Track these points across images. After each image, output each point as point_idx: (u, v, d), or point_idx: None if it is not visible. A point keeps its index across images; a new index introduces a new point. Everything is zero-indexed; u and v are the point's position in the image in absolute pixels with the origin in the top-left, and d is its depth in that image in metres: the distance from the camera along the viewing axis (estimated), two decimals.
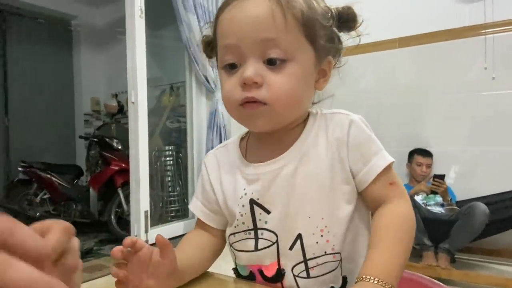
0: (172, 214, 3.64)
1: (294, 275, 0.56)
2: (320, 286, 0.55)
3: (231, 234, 0.62)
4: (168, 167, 3.76)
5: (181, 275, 0.55)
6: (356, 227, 0.58)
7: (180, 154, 3.80)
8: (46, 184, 3.69)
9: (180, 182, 3.78)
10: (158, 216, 3.51)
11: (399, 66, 2.91)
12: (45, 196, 3.73)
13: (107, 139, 3.81)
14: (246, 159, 0.62)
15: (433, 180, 2.50)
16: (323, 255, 0.55)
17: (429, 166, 2.70)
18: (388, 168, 0.56)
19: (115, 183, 3.50)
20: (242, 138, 0.67)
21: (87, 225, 3.68)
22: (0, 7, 4.20)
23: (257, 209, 0.58)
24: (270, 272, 0.57)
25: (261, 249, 0.58)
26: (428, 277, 0.71)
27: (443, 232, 2.28)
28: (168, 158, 3.78)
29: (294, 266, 0.56)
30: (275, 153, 0.59)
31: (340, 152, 0.57)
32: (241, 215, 0.59)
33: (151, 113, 3.27)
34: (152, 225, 3.20)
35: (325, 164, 0.57)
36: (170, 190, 3.77)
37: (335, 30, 0.59)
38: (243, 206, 0.59)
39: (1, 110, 4.22)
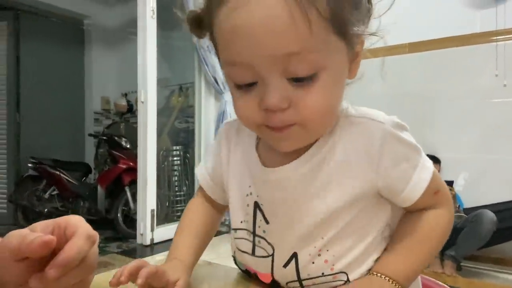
0: (178, 213, 3.66)
1: None
2: None
3: (233, 229, 0.57)
4: (175, 167, 3.79)
5: (191, 268, 0.56)
6: (362, 244, 0.50)
7: (188, 154, 3.83)
8: (55, 180, 3.74)
9: (186, 182, 3.80)
10: (164, 215, 3.54)
11: (409, 71, 2.90)
12: (54, 193, 3.78)
13: (116, 138, 3.85)
14: (258, 152, 0.54)
15: None
16: (320, 276, 0.49)
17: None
18: (432, 183, 0.49)
19: (122, 181, 3.54)
20: None
21: (94, 222, 3.71)
22: (14, 5, 4.28)
23: (259, 215, 0.53)
24: (266, 280, 0.54)
25: (257, 256, 0.54)
26: (433, 279, 0.71)
27: (449, 239, 2.25)
28: (175, 158, 3.81)
29: (288, 282, 0.52)
30: (286, 157, 0.50)
31: (362, 171, 0.48)
32: (245, 214, 0.55)
33: (160, 113, 3.31)
34: (158, 224, 3.22)
35: (342, 176, 0.48)
36: (176, 189, 3.79)
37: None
38: (247, 205, 0.55)
39: (13, 107, 4.29)
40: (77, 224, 0.40)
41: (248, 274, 0.58)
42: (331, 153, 0.49)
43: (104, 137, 3.97)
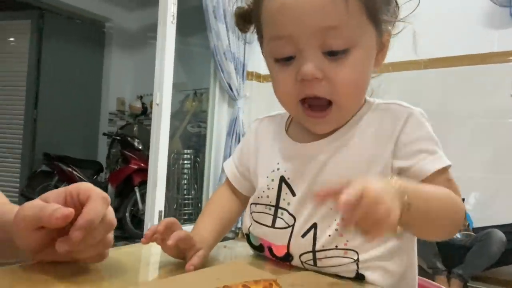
0: (185, 216, 3.68)
1: (301, 261, 0.54)
2: (325, 274, 0.53)
3: (252, 203, 0.61)
4: (185, 170, 3.82)
5: (210, 247, 0.58)
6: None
7: (198, 159, 3.86)
8: (67, 177, 3.80)
9: (195, 186, 3.83)
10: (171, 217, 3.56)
11: (424, 87, 2.89)
12: None
13: (129, 139, 3.91)
14: (288, 135, 0.60)
15: None
16: (333, 248, 0.52)
17: None
18: (443, 170, 0.51)
19: (132, 181, 3.58)
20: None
21: None
22: (39, 5, 4.41)
23: (284, 188, 0.57)
24: (279, 253, 0.56)
25: (277, 228, 0.57)
26: (428, 280, 0.71)
27: (457, 257, 2.23)
28: (186, 162, 3.85)
29: (302, 254, 0.54)
30: (316, 135, 0.55)
31: (384, 148, 0.52)
32: (268, 189, 0.58)
33: (173, 116, 3.35)
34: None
35: (363, 159, 0.52)
36: (185, 193, 3.82)
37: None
38: (272, 180, 0.58)
39: (31, 103, 4.39)
40: (90, 189, 0.43)
41: (260, 250, 0.60)
42: (360, 132, 0.54)
43: (118, 137, 4.04)
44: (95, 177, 4.20)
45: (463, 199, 2.44)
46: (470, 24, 2.74)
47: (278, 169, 0.58)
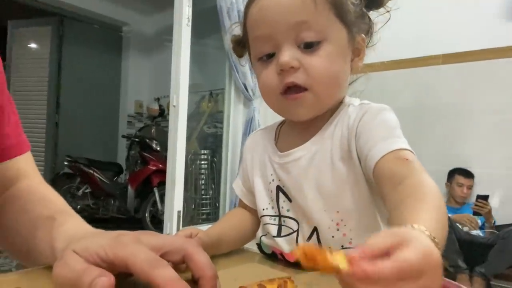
0: (203, 216, 3.72)
1: None
2: None
3: (260, 217, 0.63)
4: (203, 171, 3.86)
5: (218, 245, 0.59)
6: (378, 223, 0.54)
7: (215, 159, 3.89)
8: (89, 179, 3.89)
9: (212, 186, 3.86)
10: (190, 217, 3.60)
11: (442, 83, 2.85)
12: (87, 190, 3.94)
13: (147, 140, 3.98)
14: (276, 145, 0.63)
15: (477, 200, 2.42)
16: (340, 247, 0.53)
17: (470, 187, 2.61)
18: (396, 152, 0.48)
19: (151, 182, 3.64)
20: (279, 124, 0.67)
21: (122, 221, 3.84)
22: (59, 11, 4.53)
23: (281, 196, 0.59)
24: (291, 259, 0.57)
25: (283, 236, 0.59)
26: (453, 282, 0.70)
27: (479, 255, 2.19)
28: (203, 162, 3.88)
29: None
30: (300, 142, 0.59)
31: (349, 142, 0.54)
32: (271, 200, 0.61)
33: (190, 117, 3.39)
34: (184, 225, 3.29)
35: (338, 156, 0.55)
36: (203, 193, 3.86)
37: (364, 9, 0.58)
38: (271, 191, 0.61)
39: (53, 108, 4.52)
40: (204, 266, 0.37)
41: (273, 258, 0.62)
42: (333, 134, 0.57)
43: (136, 139, 4.11)
44: (115, 178, 4.29)
45: (487, 196, 2.40)
46: (488, 17, 2.67)
47: (273, 180, 0.61)
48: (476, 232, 2.39)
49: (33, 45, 4.70)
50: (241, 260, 0.62)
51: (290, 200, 0.59)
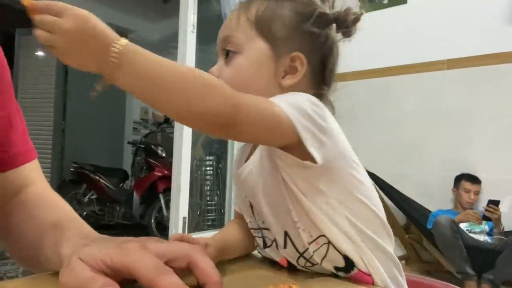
0: (209, 223, 3.72)
1: (302, 266, 0.57)
2: (326, 269, 0.55)
3: (249, 228, 0.64)
4: (208, 177, 3.86)
5: (223, 251, 0.59)
6: (325, 208, 0.53)
7: (220, 165, 3.90)
8: (95, 185, 3.91)
9: (218, 192, 3.86)
10: (195, 224, 3.60)
11: (447, 88, 2.84)
12: (93, 197, 3.96)
13: (152, 146, 4.00)
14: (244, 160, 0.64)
15: (488, 205, 2.39)
16: (309, 243, 0.54)
17: (477, 193, 2.58)
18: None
19: (157, 188, 3.65)
20: None
21: (128, 227, 3.84)
22: None
23: (254, 210, 0.61)
24: (284, 264, 0.59)
25: (268, 247, 0.60)
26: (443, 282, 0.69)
27: (487, 261, 2.17)
28: (208, 168, 3.89)
29: (297, 260, 0.56)
30: (249, 155, 0.62)
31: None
32: (250, 215, 0.62)
33: None
34: (189, 232, 3.28)
35: (265, 162, 0.56)
36: (208, 199, 3.86)
37: (320, 30, 0.59)
38: (248, 206, 0.62)
39: (60, 114, 4.56)
40: (209, 273, 0.37)
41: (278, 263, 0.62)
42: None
43: (142, 146, 4.13)
44: (121, 184, 4.31)
45: (499, 201, 2.37)
46: (493, 22, 2.67)
47: (245, 196, 0.62)
48: (484, 238, 2.37)
49: (40, 53, 4.76)
50: (246, 266, 0.61)
51: (258, 213, 0.60)
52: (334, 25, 0.60)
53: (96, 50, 0.41)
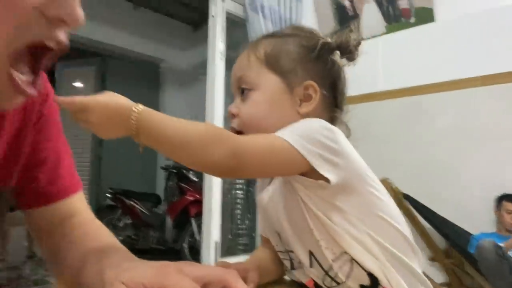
0: (240, 247, 3.70)
1: (328, 287, 0.57)
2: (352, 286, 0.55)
3: (277, 251, 0.65)
4: (238, 200, 3.87)
5: (260, 275, 0.60)
6: (345, 225, 0.54)
7: (250, 189, 3.90)
8: (129, 210, 4.01)
9: (248, 216, 3.85)
10: (226, 247, 3.59)
11: (482, 105, 2.74)
12: (128, 222, 4.04)
13: (184, 171, 4.07)
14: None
15: None
16: (332, 262, 0.54)
17: None
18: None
19: (189, 212, 3.69)
20: None
21: (161, 252, 3.88)
22: (102, 52, 4.85)
23: (280, 235, 0.62)
24: (311, 286, 0.59)
25: (295, 269, 0.61)
26: None
27: (504, 273, 2.02)
28: (238, 192, 3.90)
29: (323, 279, 0.56)
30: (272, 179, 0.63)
31: None
32: (278, 239, 0.63)
33: None
34: (222, 256, 3.28)
35: (284, 185, 0.58)
36: (239, 223, 3.85)
37: (322, 59, 0.63)
38: (273, 232, 0.63)
39: (97, 142, 4.76)
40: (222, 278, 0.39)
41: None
42: None
43: (174, 170, 4.21)
44: (154, 209, 4.39)
45: None
46: None
47: (271, 222, 0.63)
48: None
49: (78, 84, 5.03)
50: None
51: (283, 236, 0.61)
52: (338, 52, 0.63)
53: (120, 123, 0.52)
